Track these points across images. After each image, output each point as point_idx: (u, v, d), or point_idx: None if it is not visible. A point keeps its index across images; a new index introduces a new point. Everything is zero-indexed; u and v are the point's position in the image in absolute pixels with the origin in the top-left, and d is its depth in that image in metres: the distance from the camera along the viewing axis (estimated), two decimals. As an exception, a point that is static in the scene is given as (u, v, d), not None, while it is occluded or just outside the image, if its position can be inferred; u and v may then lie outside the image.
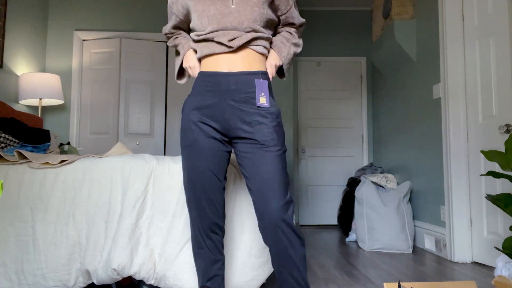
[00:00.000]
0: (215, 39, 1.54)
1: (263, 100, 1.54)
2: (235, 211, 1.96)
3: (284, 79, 1.83)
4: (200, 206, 1.57)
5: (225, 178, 1.63)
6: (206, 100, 1.56)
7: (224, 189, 1.62)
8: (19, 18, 3.80)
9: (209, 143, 1.55)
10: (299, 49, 1.72)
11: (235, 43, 1.53)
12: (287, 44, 1.67)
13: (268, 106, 1.54)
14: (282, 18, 1.68)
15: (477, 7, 2.98)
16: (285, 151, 1.55)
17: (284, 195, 1.48)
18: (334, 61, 5.23)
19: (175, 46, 1.75)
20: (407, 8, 3.81)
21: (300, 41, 1.73)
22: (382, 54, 4.26)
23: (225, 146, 1.60)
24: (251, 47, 1.57)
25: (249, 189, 1.54)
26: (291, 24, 1.71)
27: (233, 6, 1.53)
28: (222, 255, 1.65)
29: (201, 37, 1.57)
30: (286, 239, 1.47)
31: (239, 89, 1.54)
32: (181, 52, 1.71)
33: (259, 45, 1.58)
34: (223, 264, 1.65)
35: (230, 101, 1.54)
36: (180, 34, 1.76)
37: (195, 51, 1.66)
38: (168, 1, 1.71)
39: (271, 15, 1.61)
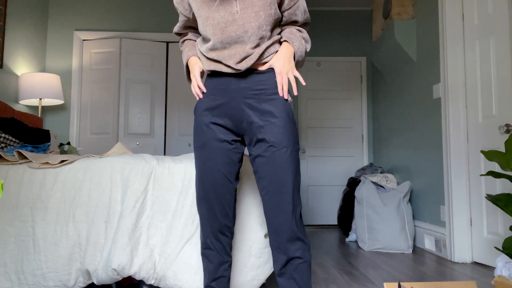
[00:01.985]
0: (223, 62, 1.50)
1: (285, 96, 1.53)
2: (235, 211, 1.96)
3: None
4: (210, 207, 1.56)
5: (237, 179, 1.60)
6: (217, 100, 1.54)
7: (235, 190, 1.60)
8: (19, 18, 3.80)
9: (220, 146, 1.54)
10: (308, 46, 1.62)
11: (243, 66, 1.49)
12: (298, 35, 1.58)
13: (292, 100, 1.53)
14: (285, 14, 1.58)
15: (477, 7, 2.97)
16: (297, 150, 1.52)
17: (293, 198, 1.48)
18: (334, 61, 5.22)
19: (182, 52, 1.72)
20: (407, 8, 3.81)
21: (308, 37, 1.63)
22: (382, 54, 4.26)
23: (237, 147, 1.58)
24: (260, 61, 1.52)
25: (260, 189, 1.53)
26: (294, 22, 1.62)
27: (237, 13, 1.46)
28: (230, 256, 1.63)
29: (210, 57, 1.53)
30: (293, 248, 1.47)
31: (249, 86, 1.51)
32: (184, 60, 1.69)
33: (268, 56, 1.53)
34: (230, 265, 1.63)
35: (241, 99, 1.51)
36: (186, 35, 1.72)
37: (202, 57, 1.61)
38: (174, 1, 1.66)
39: (278, 14, 1.53)
